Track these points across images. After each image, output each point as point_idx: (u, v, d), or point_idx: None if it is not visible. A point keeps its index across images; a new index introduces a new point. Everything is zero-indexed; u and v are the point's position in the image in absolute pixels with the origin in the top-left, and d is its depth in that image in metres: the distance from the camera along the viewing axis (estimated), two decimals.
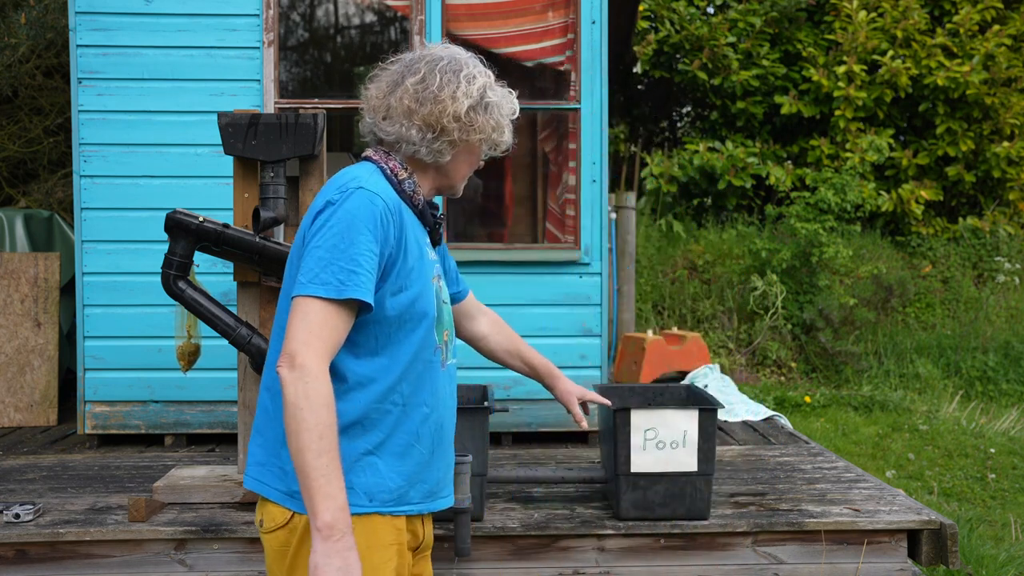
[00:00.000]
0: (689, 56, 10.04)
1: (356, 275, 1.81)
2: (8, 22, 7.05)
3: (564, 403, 2.58)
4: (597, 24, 4.45)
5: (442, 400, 2.02)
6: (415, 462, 1.96)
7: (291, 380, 1.75)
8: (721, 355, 8.05)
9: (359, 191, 1.87)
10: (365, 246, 1.83)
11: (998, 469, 5.67)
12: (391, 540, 1.93)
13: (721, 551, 3.28)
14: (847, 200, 8.38)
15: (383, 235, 1.86)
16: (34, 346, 5.04)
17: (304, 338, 1.78)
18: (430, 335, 1.97)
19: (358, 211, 1.84)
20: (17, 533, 3.13)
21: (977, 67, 9.35)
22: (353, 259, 1.81)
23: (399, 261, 1.90)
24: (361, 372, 1.90)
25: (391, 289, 1.89)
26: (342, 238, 1.82)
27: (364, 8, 6.78)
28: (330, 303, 1.80)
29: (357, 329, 1.88)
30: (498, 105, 2.01)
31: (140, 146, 4.43)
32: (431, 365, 1.98)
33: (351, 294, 1.80)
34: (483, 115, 1.98)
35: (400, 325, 1.92)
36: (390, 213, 1.88)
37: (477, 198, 6.49)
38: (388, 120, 1.97)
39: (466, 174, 2.08)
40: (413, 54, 2.03)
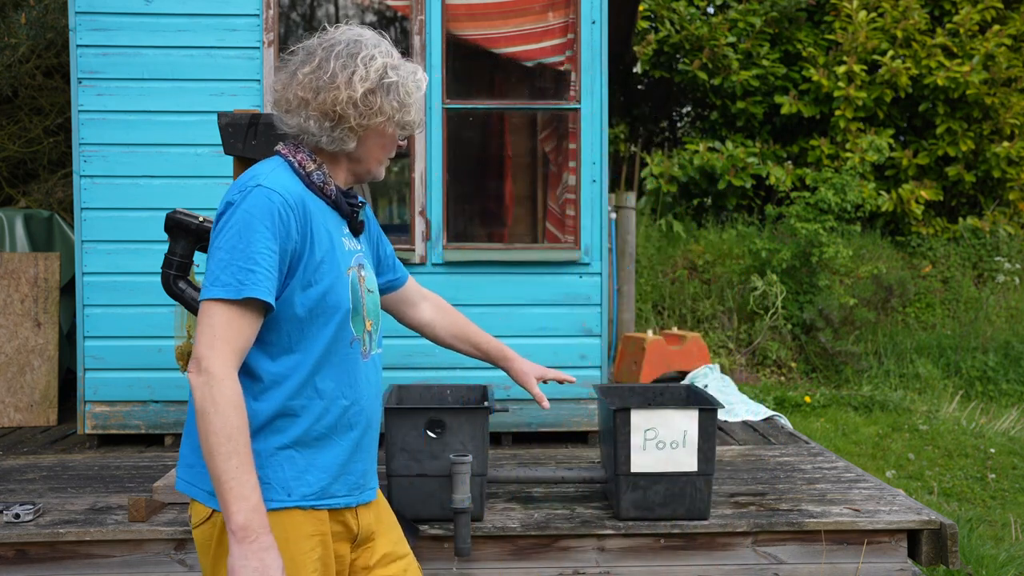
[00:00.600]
0: (689, 56, 10.04)
1: (254, 274, 1.79)
2: (8, 22, 7.05)
3: (522, 384, 2.52)
4: (597, 24, 4.45)
5: (363, 392, 2.00)
6: (336, 455, 1.96)
7: (197, 385, 1.76)
8: (721, 355, 8.05)
9: (256, 189, 1.85)
10: (262, 244, 1.81)
11: (998, 469, 5.67)
12: (311, 531, 1.92)
13: (721, 551, 3.28)
14: (847, 200, 8.38)
15: (283, 231, 1.83)
16: (34, 346, 5.04)
17: (208, 342, 1.78)
18: (345, 328, 1.94)
19: (254, 209, 1.82)
20: (17, 533, 3.13)
21: (977, 67, 9.35)
22: (251, 258, 1.80)
23: (305, 255, 1.88)
24: (275, 370, 1.89)
25: (300, 284, 1.88)
26: (240, 238, 1.81)
27: (364, 8, 6.78)
28: (232, 304, 1.79)
29: (268, 327, 1.88)
30: (400, 84, 1.94)
31: (140, 146, 4.43)
32: (348, 358, 1.96)
33: (249, 293, 1.78)
34: (384, 97, 1.92)
35: (312, 320, 1.90)
36: (289, 208, 1.85)
37: (477, 198, 6.49)
38: (289, 113, 1.95)
39: (381, 158, 2.03)
40: (315, 39, 1.98)
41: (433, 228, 4.44)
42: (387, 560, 2.12)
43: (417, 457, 3.20)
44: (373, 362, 2.05)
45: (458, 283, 4.46)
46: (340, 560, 2.02)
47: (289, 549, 1.88)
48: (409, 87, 1.96)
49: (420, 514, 3.24)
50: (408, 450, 3.19)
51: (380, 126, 1.96)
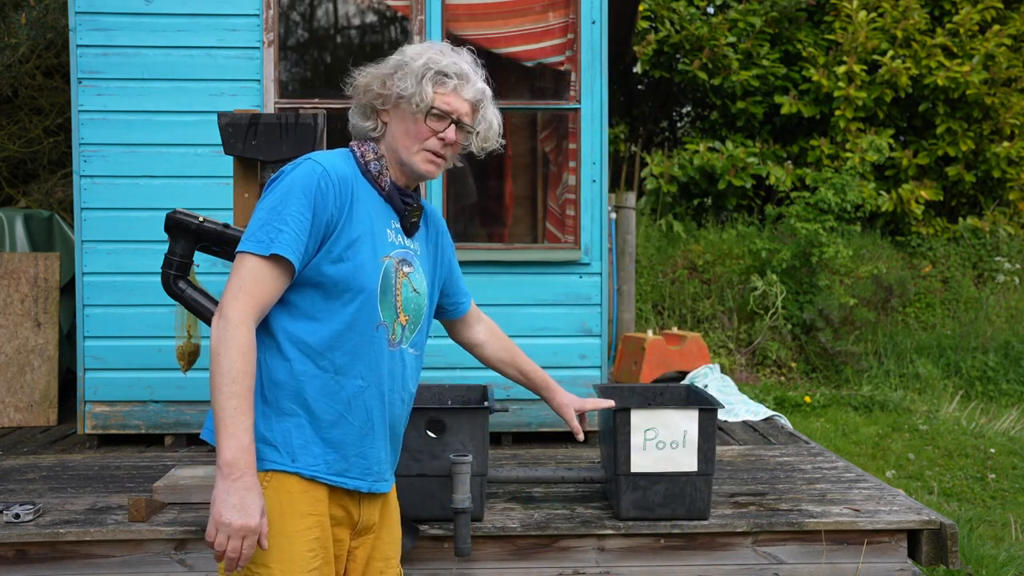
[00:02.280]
0: (689, 56, 10.04)
1: (282, 233, 1.90)
2: (8, 22, 7.05)
3: (562, 416, 2.62)
4: (597, 24, 4.45)
5: (384, 378, 2.04)
6: (347, 434, 2.00)
7: (215, 329, 1.87)
8: (721, 355, 8.05)
9: (305, 161, 1.99)
10: (296, 208, 1.92)
11: (998, 469, 5.67)
12: (308, 510, 1.96)
13: (721, 551, 3.28)
14: (847, 200, 8.38)
15: (320, 201, 1.94)
16: (34, 346, 5.04)
17: (234, 292, 1.89)
18: (371, 311, 2.00)
19: (297, 178, 1.95)
20: (17, 533, 3.13)
21: (977, 67, 9.35)
22: (283, 219, 1.91)
23: (339, 229, 1.97)
24: (295, 332, 1.97)
25: (330, 256, 1.96)
26: (279, 200, 1.93)
27: (364, 8, 6.78)
28: (260, 259, 1.90)
29: (297, 291, 1.97)
30: (409, 64, 2.04)
31: (140, 146, 4.43)
32: (371, 341, 2.01)
33: (276, 250, 1.89)
34: (399, 79, 2.04)
35: (337, 294, 1.97)
36: (330, 181, 1.96)
37: (477, 198, 6.49)
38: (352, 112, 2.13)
39: (411, 145, 2.07)
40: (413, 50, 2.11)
41: None
42: (376, 557, 2.16)
43: (417, 457, 3.20)
44: (401, 356, 2.09)
45: None
46: (339, 544, 2.05)
47: (284, 523, 1.93)
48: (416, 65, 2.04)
49: (420, 514, 3.24)
50: (408, 450, 3.19)
51: (399, 106, 2.05)
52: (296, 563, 1.93)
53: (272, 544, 1.91)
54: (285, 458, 1.95)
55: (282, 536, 1.92)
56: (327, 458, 1.98)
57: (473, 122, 2.12)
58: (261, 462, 1.92)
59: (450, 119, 2.07)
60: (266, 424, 1.95)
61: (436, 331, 4.41)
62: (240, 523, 1.81)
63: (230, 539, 1.82)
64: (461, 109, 2.08)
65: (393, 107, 2.06)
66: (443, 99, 2.05)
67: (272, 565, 1.92)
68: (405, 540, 3.15)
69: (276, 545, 1.92)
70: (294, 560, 1.93)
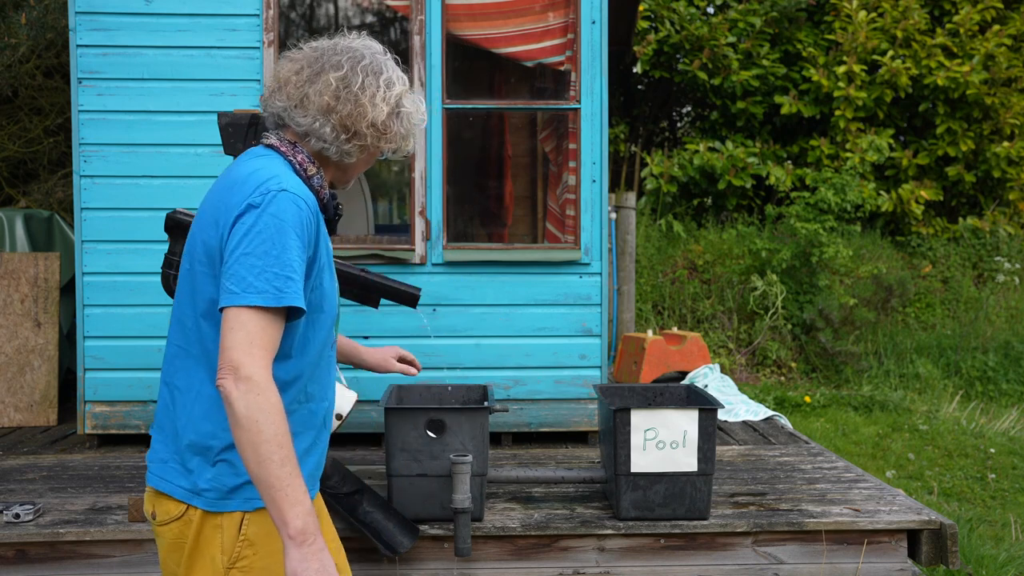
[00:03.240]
0: (689, 56, 10.04)
1: (292, 282, 1.78)
2: (8, 22, 7.05)
3: (382, 367, 2.74)
4: (597, 24, 4.45)
5: (331, 389, 2.05)
6: (316, 453, 2.00)
7: (240, 394, 1.71)
8: (721, 355, 8.05)
9: (282, 193, 1.82)
10: (296, 252, 1.80)
11: (998, 469, 5.67)
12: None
13: (721, 551, 3.28)
14: (847, 200, 8.38)
15: (308, 238, 1.84)
16: (34, 346, 5.04)
17: (247, 349, 1.73)
18: (331, 332, 1.99)
19: (285, 215, 1.80)
20: (17, 533, 3.13)
21: (977, 67, 9.35)
22: (288, 265, 1.78)
23: (316, 258, 1.89)
24: (277, 376, 1.83)
25: (309, 287, 1.88)
26: (274, 244, 1.78)
27: (364, 8, 6.78)
28: (267, 311, 1.76)
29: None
30: (410, 115, 2.01)
31: (140, 146, 4.43)
32: (330, 360, 2.02)
33: (290, 302, 1.77)
34: (397, 124, 1.98)
35: (311, 324, 1.92)
36: (313, 215, 1.86)
37: (477, 198, 6.49)
38: (302, 110, 1.93)
39: (361, 171, 2.10)
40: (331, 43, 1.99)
41: (433, 228, 4.44)
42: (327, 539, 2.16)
43: (417, 457, 3.20)
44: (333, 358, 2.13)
45: (458, 283, 4.46)
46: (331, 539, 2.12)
47: (273, 544, 1.89)
48: (415, 118, 2.03)
49: (420, 514, 3.24)
50: (408, 450, 3.19)
51: (383, 149, 2.01)
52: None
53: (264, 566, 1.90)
54: None
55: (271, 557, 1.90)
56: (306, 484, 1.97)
57: None
58: (252, 501, 1.88)
59: None
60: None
61: (441, 332, 4.42)
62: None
63: None
64: None
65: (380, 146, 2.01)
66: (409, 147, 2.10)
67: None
68: (405, 540, 3.15)
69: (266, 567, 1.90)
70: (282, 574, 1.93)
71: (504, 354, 4.47)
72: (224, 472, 1.88)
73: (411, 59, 4.43)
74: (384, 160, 2.26)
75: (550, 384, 4.50)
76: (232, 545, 1.87)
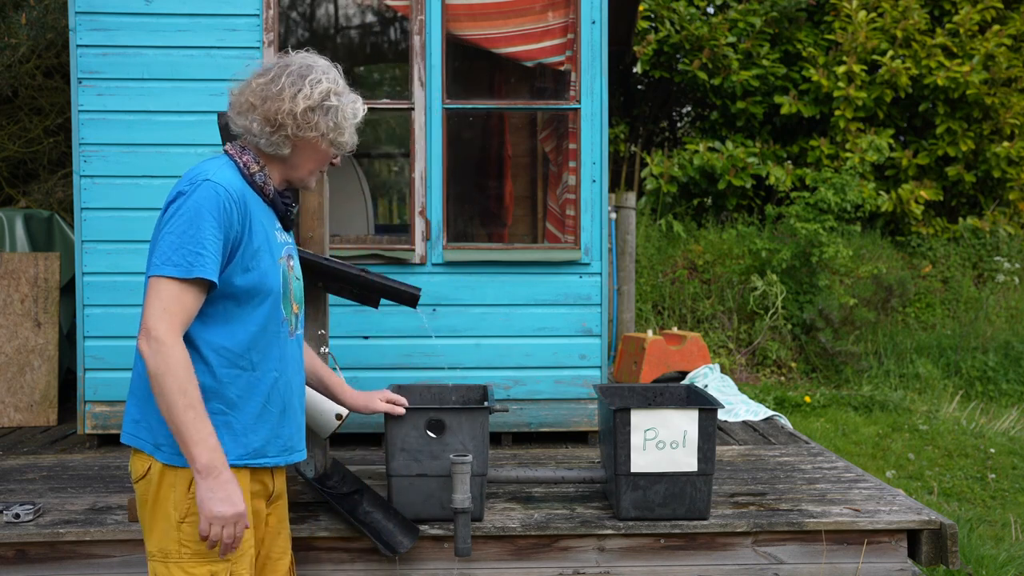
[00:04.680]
0: (689, 56, 10.04)
1: (202, 256, 2.08)
2: (8, 22, 7.05)
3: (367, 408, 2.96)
4: (597, 24, 4.45)
5: (290, 366, 2.32)
6: (268, 421, 2.25)
7: (150, 352, 2.04)
8: (721, 355, 8.05)
9: (206, 183, 2.13)
10: (210, 231, 2.09)
11: (998, 469, 5.67)
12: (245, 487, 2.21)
13: (721, 551, 3.28)
14: (847, 200, 8.38)
15: (227, 221, 2.12)
16: (34, 346, 5.04)
17: (158, 314, 2.05)
18: (277, 309, 2.25)
19: (204, 201, 2.11)
20: (17, 533, 3.13)
21: (977, 67, 9.35)
22: (200, 242, 2.08)
23: (244, 242, 2.17)
24: (214, 341, 2.16)
25: (239, 268, 2.16)
26: (190, 224, 2.09)
27: (364, 8, 6.78)
28: (180, 282, 2.07)
29: (211, 303, 2.16)
30: (338, 109, 2.24)
31: (140, 146, 4.43)
32: (278, 335, 2.27)
33: (198, 273, 2.07)
34: (321, 116, 2.22)
35: (248, 299, 2.18)
36: (232, 201, 2.14)
37: (477, 198, 6.49)
38: (239, 115, 2.25)
39: (312, 169, 2.32)
40: (274, 59, 2.30)
41: (433, 228, 4.44)
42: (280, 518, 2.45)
43: (417, 457, 3.20)
44: (297, 341, 2.38)
45: (458, 283, 4.46)
46: (258, 515, 2.31)
47: None
48: (347, 113, 2.26)
49: (420, 514, 3.24)
50: (408, 450, 3.19)
51: (314, 141, 2.25)
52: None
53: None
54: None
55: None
56: (251, 447, 2.22)
57: None
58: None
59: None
60: None
61: (441, 332, 4.42)
62: (232, 512, 2.06)
63: (224, 528, 2.07)
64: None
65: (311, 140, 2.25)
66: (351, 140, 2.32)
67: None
68: (405, 540, 3.15)
69: None
70: None
71: (504, 354, 4.47)
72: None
73: (411, 59, 4.43)
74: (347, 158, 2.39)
75: (550, 384, 4.50)
76: (183, 501, 2.14)
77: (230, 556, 2.15)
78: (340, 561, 3.23)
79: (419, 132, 4.42)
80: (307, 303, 3.17)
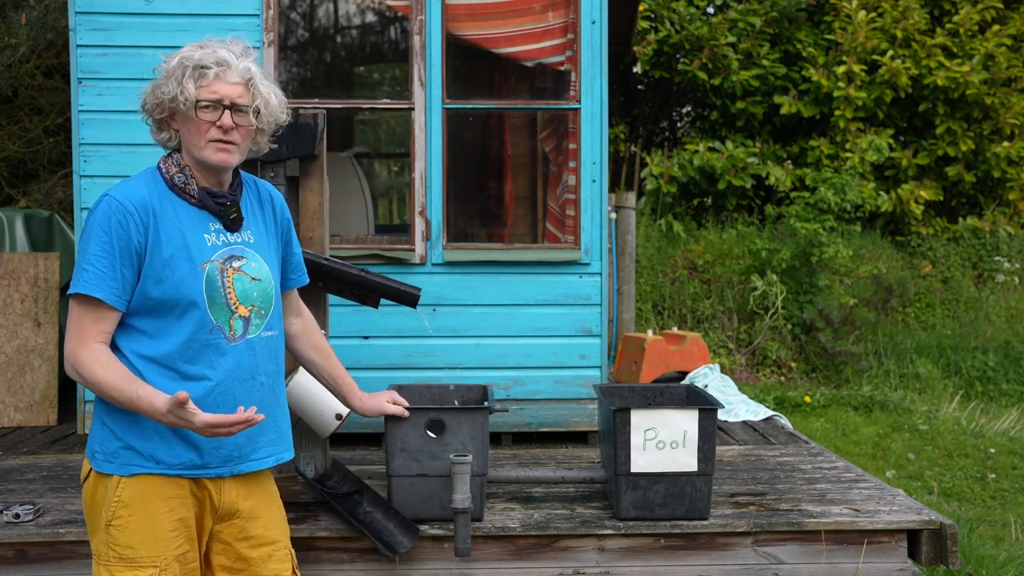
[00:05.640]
0: (689, 56, 10.04)
1: (86, 272, 2.10)
2: (8, 22, 7.05)
3: (375, 410, 2.89)
4: (597, 24, 4.45)
5: (230, 373, 2.20)
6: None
7: (68, 369, 2.13)
8: (721, 355, 8.05)
9: (103, 199, 2.14)
10: (96, 247, 2.10)
11: (998, 469, 5.67)
12: (171, 494, 2.17)
13: (721, 551, 3.28)
14: (847, 200, 8.38)
15: (121, 234, 2.10)
16: (34, 346, 5.04)
17: (70, 334, 2.12)
18: (202, 317, 2.16)
19: (97, 218, 2.13)
20: (17, 533, 3.13)
21: (977, 67, 9.35)
22: (87, 259, 2.11)
23: (149, 253, 2.13)
24: (140, 350, 2.15)
25: (152, 280, 2.13)
26: (84, 242, 2.13)
27: (364, 8, 6.78)
28: (77, 298, 2.12)
29: (132, 315, 2.15)
30: (169, 69, 2.15)
31: (140, 146, 4.42)
32: (209, 344, 2.18)
33: (79, 289, 2.10)
34: (163, 83, 2.15)
35: (167, 311, 2.15)
36: (127, 214, 2.11)
37: (477, 198, 6.49)
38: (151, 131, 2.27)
39: (198, 142, 2.17)
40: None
41: (433, 228, 4.44)
42: (255, 543, 2.30)
43: (417, 457, 3.20)
44: (248, 346, 2.24)
45: (458, 283, 4.46)
46: (201, 525, 2.24)
47: (147, 507, 2.15)
48: (172, 65, 2.15)
49: (420, 514, 3.24)
50: (408, 450, 3.19)
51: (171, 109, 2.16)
52: (160, 542, 2.15)
53: (137, 527, 2.14)
54: (149, 462, 2.15)
55: (146, 519, 2.14)
56: (185, 456, 2.17)
57: (249, 102, 2.20)
58: (128, 466, 2.15)
59: (222, 106, 2.15)
60: (129, 432, 2.14)
61: (441, 332, 4.42)
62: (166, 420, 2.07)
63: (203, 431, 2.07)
64: (231, 93, 2.16)
65: (171, 114, 2.18)
66: (207, 90, 2.14)
67: (138, 546, 2.14)
68: (405, 540, 3.15)
69: (141, 528, 2.14)
70: (158, 539, 2.15)
71: (504, 354, 4.47)
72: (104, 435, 2.17)
73: (411, 59, 4.43)
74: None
75: (550, 384, 4.50)
76: (110, 504, 2.15)
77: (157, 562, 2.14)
78: (340, 561, 3.24)
79: (419, 132, 4.42)
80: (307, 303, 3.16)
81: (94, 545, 2.21)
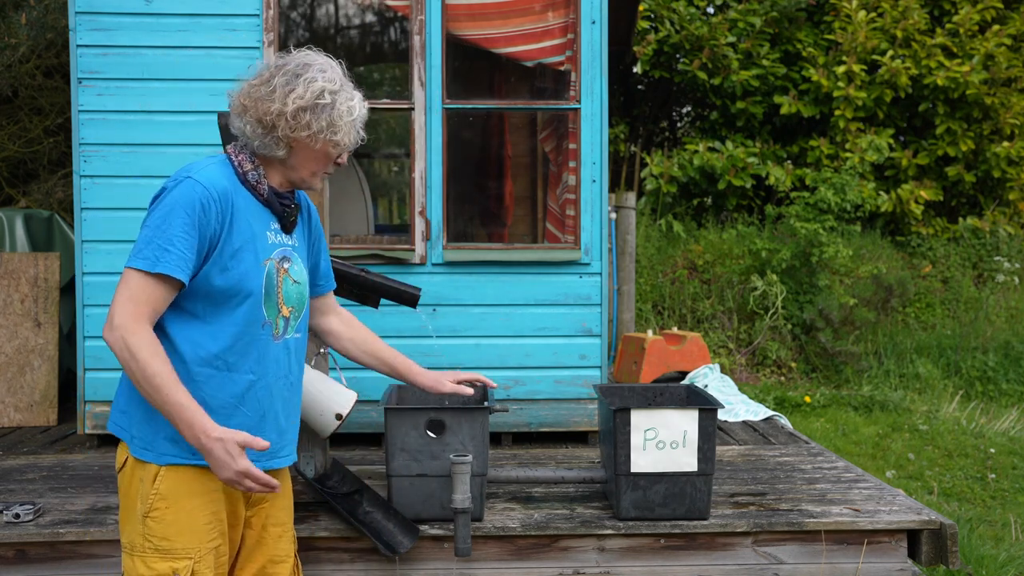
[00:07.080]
0: (689, 56, 10.04)
1: (169, 252, 2.07)
2: (8, 22, 7.05)
3: (436, 389, 2.82)
4: (597, 24, 4.45)
5: (271, 369, 2.26)
6: (243, 423, 2.21)
7: (112, 339, 2.05)
8: (721, 355, 8.05)
9: (186, 180, 2.14)
10: (180, 228, 2.09)
11: (998, 469, 5.67)
12: (203, 489, 2.18)
13: (721, 551, 3.28)
14: (847, 200, 8.38)
15: (202, 218, 2.11)
16: (34, 346, 5.04)
17: (122, 302, 2.06)
18: (257, 311, 2.21)
19: (180, 198, 2.11)
20: (17, 533, 3.13)
21: (977, 67, 9.35)
22: (169, 239, 2.08)
23: (222, 241, 2.15)
24: (189, 336, 2.15)
25: (217, 267, 2.15)
26: (164, 220, 2.10)
27: (364, 8, 6.78)
28: (146, 275, 2.08)
29: (190, 300, 2.15)
30: (333, 107, 2.19)
31: (140, 146, 4.43)
32: (258, 338, 2.22)
33: (162, 269, 2.07)
34: (313, 116, 2.17)
35: (225, 300, 2.16)
36: (211, 199, 2.13)
37: (477, 198, 6.49)
38: (236, 117, 2.24)
39: (314, 170, 2.28)
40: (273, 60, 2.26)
41: (433, 228, 4.44)
42: (272, 522, 2.39)
43: (417, 457, 3.20)
44: (285, 345, 2.31)
45: (458, 283, 4.46)
46: (235, 515, 2.28)
47: (185, 500, 2.16)
48: (342, 111, 2.20)
49: (420, 514, 3.24)
50: (408, 450, 3.19)
51: (308, 141, 2.21)
52: (197, 534, 2.17)
53: (174, 519, 2.15)
54: (185, 452, 2.15)
55: (182, 512, 2.15)
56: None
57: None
58: (162, 456, 2.15)
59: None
60: (167, 422, 2.11)
61: (441, 332, 4.42)
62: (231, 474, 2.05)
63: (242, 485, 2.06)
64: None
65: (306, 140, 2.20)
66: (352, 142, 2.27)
67: (174, 537, 2.15)
68: (405, 540, 3.15)
69: (178, 520, 2.15)
70: (195, 531, 2.17)
71: (504, 354, 4.47)
72: (144, 421, 2.16)
73: (411, 59, 4.43)
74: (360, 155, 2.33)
75: (550, 384, 4.50)
76: (148, 495, 2.15)
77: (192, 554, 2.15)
78: (340, 561, 3.24)
79: (419, 132, 4.42)
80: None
81: (127, 537, 2.20)
